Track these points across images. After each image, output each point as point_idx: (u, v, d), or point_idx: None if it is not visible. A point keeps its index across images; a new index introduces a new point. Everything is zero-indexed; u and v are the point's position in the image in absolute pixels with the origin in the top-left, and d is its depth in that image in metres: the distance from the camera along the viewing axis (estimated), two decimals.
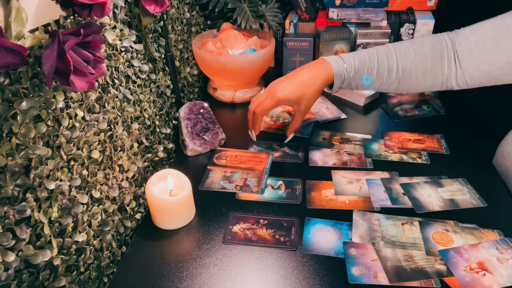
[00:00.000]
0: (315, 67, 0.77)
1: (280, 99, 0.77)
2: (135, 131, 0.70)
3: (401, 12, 1.13)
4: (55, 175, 0.50)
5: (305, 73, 0.77)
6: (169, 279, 0.59)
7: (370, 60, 0.75)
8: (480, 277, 0.56)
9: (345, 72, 0.76)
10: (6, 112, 0.42)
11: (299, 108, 0.79)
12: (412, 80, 0.75)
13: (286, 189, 0.75)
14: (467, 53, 0.70)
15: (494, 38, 0.67)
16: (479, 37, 0.69)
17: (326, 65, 0.76)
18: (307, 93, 0.77)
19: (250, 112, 0.82)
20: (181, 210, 0.68)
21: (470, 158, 0.81)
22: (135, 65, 0.70)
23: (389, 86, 0.77)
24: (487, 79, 0.71)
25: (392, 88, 0.78)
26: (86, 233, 0.56)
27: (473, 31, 0.71)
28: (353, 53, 0.78)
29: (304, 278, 0.58)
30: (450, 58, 0.72)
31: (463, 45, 0.71)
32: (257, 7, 1.03)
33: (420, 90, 0.78)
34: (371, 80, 0.76)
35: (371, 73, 0.75)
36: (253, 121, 0.82)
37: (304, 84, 0.76)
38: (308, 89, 0.76)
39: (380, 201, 0.71)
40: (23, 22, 0.41)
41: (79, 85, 0.42)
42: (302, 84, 0.76)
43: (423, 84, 0.75)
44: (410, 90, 0.78)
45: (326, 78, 0.76)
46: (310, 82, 0.76)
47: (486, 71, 0.69)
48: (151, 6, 0.66)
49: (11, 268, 0.43)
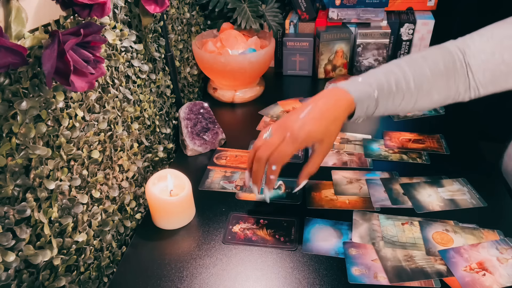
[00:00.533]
0: (332, 96, 0.63)
1: (303, 139, 0.60)
2: (135, 131, 0.70)
3: (401, 12, 1.13)
4: (55, 175, 0.50)
5: (325, 103, 0.62)
6: (169, 279, 0.59)
7: (389, 85, 0.64)
8: (480, 277, 0.56)
9: (366, 100, 0.63)
10: (6, 112, 0.42)
11: (321, 148, 0.62)
12: (428, 99, 0.67)
13: (286, 189, 0.75)
14: (482, 65, 0.63)
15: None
16: (494, 47, 0.62)
17: (345, 93, 0.63)
18: (331, 127, 0.61)
19: (260, 161, 0.61)
20: (181, 210, 0.68)
21: (470, 158, 0.81)
22: (135, 65, 0.70)
23: (403, 109, 0.67)
24: (500, 88, 0.65)
25: (406, 111, 0.68)
26: (86, 233, 0.56)
27: (486, 41, 0.64)
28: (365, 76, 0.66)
29: (304, 278, 0.58)
30: (463, 72, 0.65)
31: (477, 57, 0.64)
32: (257, 7, 1.03)
33: (432, 107, 0.70)
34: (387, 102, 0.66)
35: (390, 100, 0.65)
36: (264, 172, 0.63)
37: (326, 116, 0.61)
38: (331, 122, 0.61)
39: (380, 201, 0.71)
40: (23, 22, 0.41)
41: (79, 85, 0.42)
42: (324, 116, 0.61)
43: (437, 102, 0.68)
44: (423, 108, 0.69)
45: (348, 106, 0.62)
46: (333, 113, 0.61)
47: (502, 82, 0.63)
48: (151, 6, 0.66)
49: (11, 268, 0.43)
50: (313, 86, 1.12)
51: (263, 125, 0.95)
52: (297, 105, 1.01)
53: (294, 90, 1.11)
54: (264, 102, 1.04)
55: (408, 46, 1.12)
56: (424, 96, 0.66)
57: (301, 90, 1.10)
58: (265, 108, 1.01)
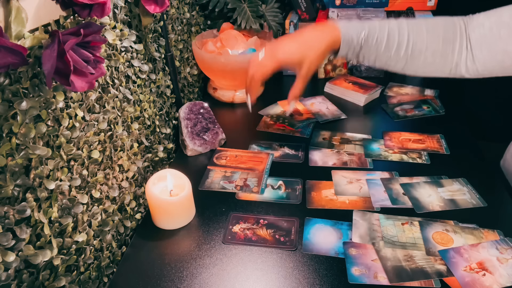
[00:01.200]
0: (321, 28, 0.71)
1: (281, 60, 0.70)
2: (135, 131, 0.70)
3: (401, 12, 1.13)
4: (55, 175, 0.50)
5: (309, 33, 0.70)
6: (169, 279, 0.59)
7: (380, 30, 0.68)
8: (480, 277, 0.56)
9: (354, 37, 0.69)
10: (6, 112, 0.42)
11: (301, 71, 0.71)
12: (421, 60, 0.69)
13: (286, 189, 0.75)
14: (480, 39, 0.65)
15: (510, 24, 0.62)
16: (493, 23, 0.64)
17: (333, 28, 0.69)
18: (310, 53, 0.69)
19: (248, 76, 0.74)
20: (181, 210, 0.68)
21: (470, 158, 0.81)
22: (135, 65, 0.70)
23: (396, 63, 0.71)
24: (499, 69, 0.65)
25: (398, 67, 0.71)
26: (86, 233, 0.56)
27: (488, 17, 0.66)
28: (363, 21, 0.71)
29: (304, 278, 0.58)
30: (462, 42, 0.67)
31: (476, 30, 0.66)
32: (257, 7, 1.03)
33: (427, 73, 0.72)
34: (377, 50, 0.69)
35: (379, 45, 0.69)
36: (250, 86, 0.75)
37: (308, 44, 0.69)
38: (311, 50, 0.69)
39: (380, 201, 0.71)
40: (23, 22, 0.41)
41: (79, 85, 0.42)
42: (305, 43, 0.69)
43: (431, 66, 0.70)
44: (417, 72, 0.72)
45: (332, 41, 0.69)
46: (314, 43, 0.69)
47: (499, 60, 0.64)
48: (151, 6, 0.66)
49: (11, 268, 0.43)
50: (313, 86, 1.12)
51: (263, 125, 0.95)
52: (298, 105, 1.01)
53: None
54: (264, 102, 1.04)
55: None
56: (417, 55, 0.68)
57: None
58: (265, 108, 1.01)
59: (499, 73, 0.66)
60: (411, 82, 1.11)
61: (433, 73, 0.71)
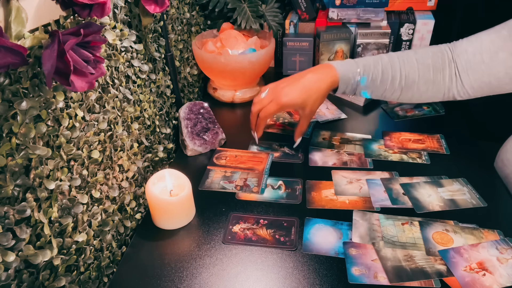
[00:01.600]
0: (320, 71, 0.76)
1: (284, 104, 0.76)
2: (135, 131, 0.70)
3: (401, 12, 1.13)
4: (55, 175, 0.50)
5: (310, 77, 0.76)
6: (169, 279, 0.59)
7: (375, 67, 0.74)
8: (480, 277, 0.56)
9: (351, 76, 0.75)
10: (6, 112, 0.42)
11: (304, 113, 0.78)
12: (415, 89, 0.74)
13: (286, 189, 0.75)
14: (465, 65, 0.70)
15: (491, 49, 0.67)
16: (476, 48, 0.69)
17: (331, 69, 0.75)
18: (312, 97, 0.75)
19: (253, 115, 0.80)
20: (181, 210, 0.68)
21: (470, 158, 0.81)
22: (135, 65, 0.70)
23: (391, 94, 0.76)
24: (488, 89, 0.70)
25: (394, 97, 0.77)
26: (86, 233, 0.56)
27: (470, 43, 0.71)
28: (357, 59, 0.77)
29: (304, 278, 0.58)
30: (451, 69, 0.72)
31: (461, 57, 0.71)
32: (257, 7, 1.03)
33: (422, 100, 0.77)
34: (373, 85, 0.75)
35: (375, 81, 0.74)
36: (256, 124, 0.81)
37: (308, 88, 0.75)
38: (313, 94, 0.75)
39: (380, 201, 0.71)
40: (23, 22, 0.41)
41: (79, 85, 0.42)
42: (306, 88, 0.75)
43: (425, 94, 0.75)
44: (412, 99, 0.77)
45: (331, 82, 0.75)
46: (315, 86, 0.75)
47: (486, 82, 0.69)
48: (151, 6, 0.66)
49: (11, 268, 0.43)
50: None
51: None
52: None
53: None
54: None
55: (408, 46, 1.12)
56: (410, 85, 0.74)
57: None
58: None
59: (489, 93, 0.71)
60: None
61: (428, 99, 0.77)
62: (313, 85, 0.75)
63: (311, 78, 0.76)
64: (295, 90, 0.75)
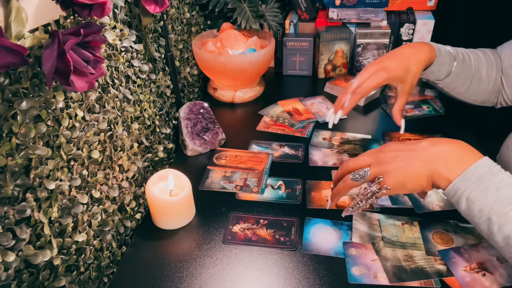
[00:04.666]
0: (417, 45, 0.74)
1: (387, 78, 0.71)
2: (135, 131, 0.70)
3: (401, 12, 1.13)
4: (55, 175, 0.50)
5: (407, 49, 0.73)
6: (169, 279, 0.59)
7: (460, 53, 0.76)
8: (480, 277, 0.56)
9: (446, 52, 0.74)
10: (6, 112, 0.42)
11: (405, 87, 0.73)
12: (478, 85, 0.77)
13: (286, 189, 0.75)
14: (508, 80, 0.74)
15: None
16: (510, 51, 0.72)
17: (428, 44, 0.74)
18: (412, 69, 0.72)
19: (345, 92, 0.74)
20: (181, 210, 0.68)
21: None
22: (135, 65, 0.70)
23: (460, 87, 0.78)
24: None
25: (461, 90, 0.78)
26: (86, 233, 0.56)
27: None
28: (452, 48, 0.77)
29: (304, 278, 0.58)
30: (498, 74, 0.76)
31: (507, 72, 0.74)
32: (257, 7, 1.03)
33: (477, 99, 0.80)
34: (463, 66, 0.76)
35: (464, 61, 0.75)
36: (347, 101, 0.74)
37: (408, 60, 0.72)
38: (413, 65, 0.72)
39: (380, 201, 0.71)
40: (23, 22, 0.41)
41: (79, 85, 0.42)
42: (406, 59, 0.72)
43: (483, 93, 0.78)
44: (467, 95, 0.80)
45: (429, 54, 0.73)
46: (415, 57, 0.72)
47: None
48: (151, 6, 0.66)
49: (11, 268, 0.43)
50: (313, 86, 1.13)
51: (263, 125, 0.95)
52: (298, 105, 1.01)
53: (294, 90, 1.11)
54: (264, 102, 1.04)
55: None
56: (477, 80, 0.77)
57: (301, 90, 1.10)
58: (265, 108, 1.01)
59: None
60: None
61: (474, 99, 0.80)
62: (412, 56, 0.72)
63: (409, 49, 0.73)
64: (395, 62, 0.72)
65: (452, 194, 0.50)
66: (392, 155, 0.54)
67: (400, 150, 0.54)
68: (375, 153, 0.56)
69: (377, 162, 0.55)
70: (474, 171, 0.49)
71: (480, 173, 0.48)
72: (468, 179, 0.48)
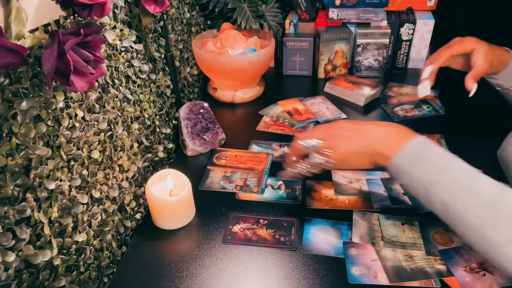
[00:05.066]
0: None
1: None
2: (135, 131, 0.70)
3: (401, 12, 1.13)
4: (55, 175, 0.50)
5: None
6: (169, 279, 0.59)
7: None
8: (480, 277, 0.56)
9: None
10: (6, 112, 0.42)
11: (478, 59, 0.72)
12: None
13: (286, 189, 0.75)
14: None
15: None
16: None
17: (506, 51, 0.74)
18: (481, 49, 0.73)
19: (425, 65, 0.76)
20: (181, 210, 0.68)
21: (470, 158, 0.81)
22: (135, 65, 0.70)
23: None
24: None
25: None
26: (86, 233, 0.56)
27: None
28: None
29: (304, 278, 0.58)
30: None
31: None
32: (257, 7, 1.03)
33: None
34: None
35: None
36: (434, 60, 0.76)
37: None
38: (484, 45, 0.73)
39: (380, 201, 0.71)
40: (23, 22, 0.41)
41: (79, 85, 0.42)
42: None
43: None
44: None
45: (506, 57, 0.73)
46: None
47: None
48: (151, 6, 0.66)
49: (11, 268, 0.43)
50: (313, 86, 1.13)
51: (263, 125, 0.95)
52: (298, 105, 1.01)
53: (294, 90, 1.11)
54: (264, 102, 1.04)
55: (408, 46, 1.12)
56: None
57: (301, 90, 1.10)
58: (265, 108, 1.01)
59: None
60: (411, 82, 1.11)
61: None
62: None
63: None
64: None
65: (393, 170, 0.55)
66: (340, 133, 0.59)
67: (347, 130, 0.59)
68: (328, 130, 0.61)
69: (327, 138, 0.60)
70: (411, 147, 0.54)
71: (415, 149, 0.54)
72: (405, 155, 0.54)
